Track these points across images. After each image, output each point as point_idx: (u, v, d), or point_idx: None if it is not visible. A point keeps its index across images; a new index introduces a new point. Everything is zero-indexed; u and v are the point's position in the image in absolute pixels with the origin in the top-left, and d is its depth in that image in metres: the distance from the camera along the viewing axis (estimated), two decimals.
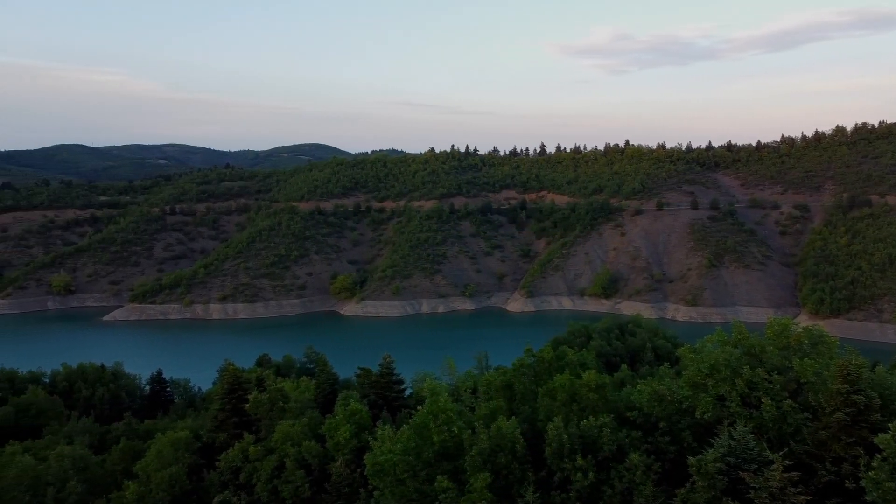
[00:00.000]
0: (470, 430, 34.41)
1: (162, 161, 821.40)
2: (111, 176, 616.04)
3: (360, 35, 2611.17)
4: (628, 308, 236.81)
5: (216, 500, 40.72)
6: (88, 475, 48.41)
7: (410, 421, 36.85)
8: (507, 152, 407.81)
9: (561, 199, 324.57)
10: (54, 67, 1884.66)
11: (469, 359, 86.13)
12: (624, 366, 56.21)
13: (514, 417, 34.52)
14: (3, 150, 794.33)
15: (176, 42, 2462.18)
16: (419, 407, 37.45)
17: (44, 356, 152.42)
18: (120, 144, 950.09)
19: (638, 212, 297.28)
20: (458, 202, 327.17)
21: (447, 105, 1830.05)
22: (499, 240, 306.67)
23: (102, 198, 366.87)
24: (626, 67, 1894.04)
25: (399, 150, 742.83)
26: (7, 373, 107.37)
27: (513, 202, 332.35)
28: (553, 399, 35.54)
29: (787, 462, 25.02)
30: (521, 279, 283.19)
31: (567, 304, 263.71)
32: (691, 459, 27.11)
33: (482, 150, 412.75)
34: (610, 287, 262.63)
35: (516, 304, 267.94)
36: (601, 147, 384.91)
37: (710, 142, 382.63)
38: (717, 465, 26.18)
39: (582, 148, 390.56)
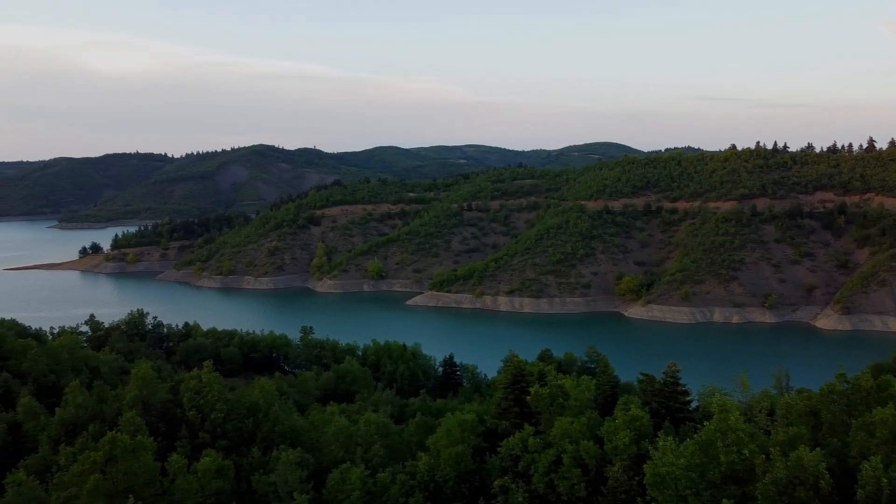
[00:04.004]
0: (764, 456, 31.55)
1: (462, 161, 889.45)
2: (419, 174, 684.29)
3: (652, 29, 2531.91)
4: None
5: (496, 483, 42.73)
6: (389, 442, 54.14)
7: (696, 436, 34.95)
8: (825, 149, 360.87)
9: (893, 203, 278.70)
10: (378, 78, 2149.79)
11: (766, 376, 78.21)
12: None
13: (818, 449, 30.76)
14: (335, 151, 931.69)
15: (479, 49, 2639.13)
16: (706, 422, 35.43)
17: (358, 331, 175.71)
18: (427, 146, 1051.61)
19: None
20: (762, 204, 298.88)
21: (752, 98, 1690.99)
22: (809, 247, 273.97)
23: (411, 194, 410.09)
24: None
25: (695, 147, 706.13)
26: (330, 343, 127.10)
27: (829, 205, 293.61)
28: (871, 435, 30.96)
29: None
30: (836, 293, 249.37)
31: (894, 325, 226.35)
32: None
33: (793, 147, 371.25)
34: None
35: (828, 320, 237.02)
36: None
37: None
38: None
39: None
